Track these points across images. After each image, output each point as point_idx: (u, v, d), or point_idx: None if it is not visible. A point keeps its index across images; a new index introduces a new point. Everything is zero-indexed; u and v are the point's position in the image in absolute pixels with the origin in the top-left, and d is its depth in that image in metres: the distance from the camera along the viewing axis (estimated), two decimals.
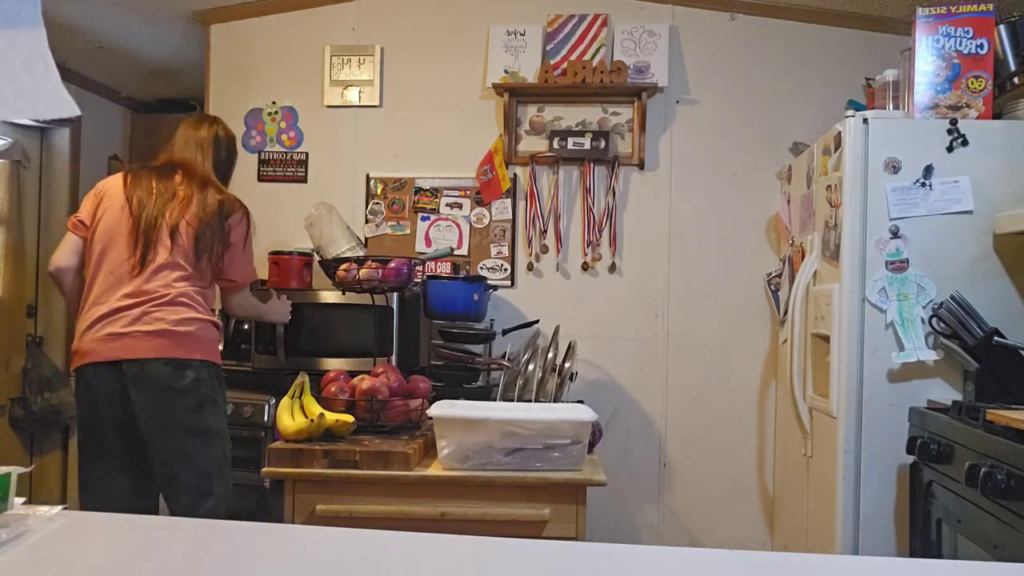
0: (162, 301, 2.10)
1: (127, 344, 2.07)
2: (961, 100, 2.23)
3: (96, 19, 3.33)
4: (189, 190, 2.21)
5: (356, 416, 1.98)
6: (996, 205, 2.17)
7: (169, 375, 2.07)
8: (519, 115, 3.23)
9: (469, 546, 1.00)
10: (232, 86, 3.37)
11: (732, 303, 3.16)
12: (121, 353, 2.07)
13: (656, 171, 3.20)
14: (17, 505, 1.05)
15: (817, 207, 2.48)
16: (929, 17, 2.26)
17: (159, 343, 2.08)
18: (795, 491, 2.73)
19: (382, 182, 3.29)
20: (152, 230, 2.15)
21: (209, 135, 2.35)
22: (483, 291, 2.82)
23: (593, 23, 3.18)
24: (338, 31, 3.33)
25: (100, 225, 2.20)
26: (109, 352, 2.08)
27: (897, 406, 2.18)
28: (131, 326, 2.08)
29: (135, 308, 2.10)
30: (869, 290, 2.21)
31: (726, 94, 3.18)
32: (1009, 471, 1.56)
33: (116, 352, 2.08)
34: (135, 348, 2.07)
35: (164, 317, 2.09)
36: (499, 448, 1.79)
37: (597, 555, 0.99)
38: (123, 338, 2.08)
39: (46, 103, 0.79)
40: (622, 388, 3.19)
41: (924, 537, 1.99)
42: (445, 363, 2.66)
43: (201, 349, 2.13)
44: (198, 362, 2.11)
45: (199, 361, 2.12)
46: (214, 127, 2.39)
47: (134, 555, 0.96)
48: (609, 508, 3.13)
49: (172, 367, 2.07)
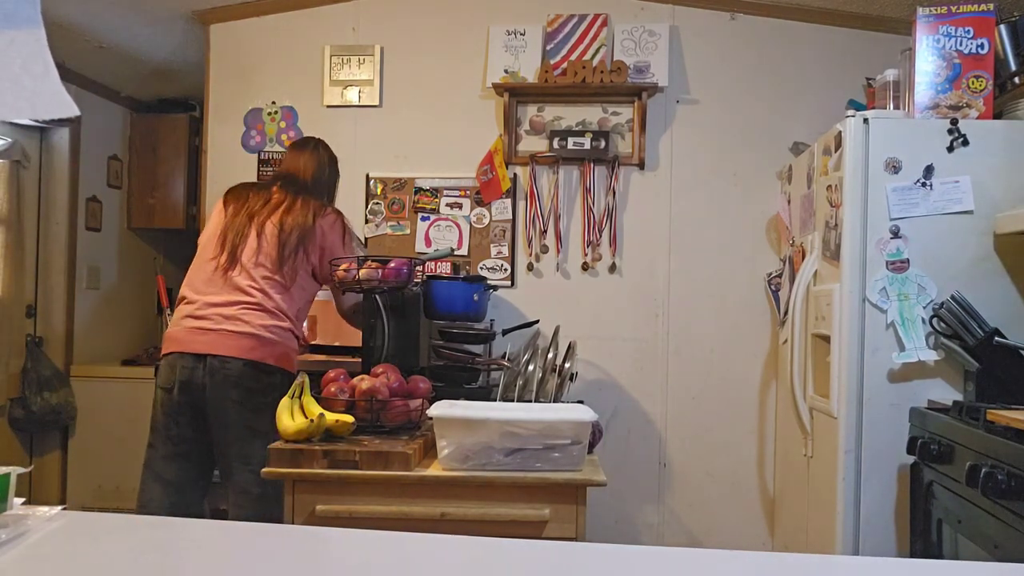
0: (250, 303, 2.20)
1: (213, 340, 2.18)
2: (962, 100, 2.23)
3: (96, 19, 3.33)
4: (282, 196, 2.34)
5: (356, 416, 1.98)
6: (997, 205, 2.17)
7: (248, 376, 2.17)
8: (519, 115, 3.23)
9: (469, 546, 1.00)
10: (232, 86, 3.37)
11: (732, 303, 3.16)
12: (207, 348, 2.17)
13: (656, 171, 3.20)
14: (17, 505, 1.05)
15: (817, 207, 2.48)
16: (930, 17, 2.26)
17: (243, 344, 2.17)
18: (795, 491, 2.73)
19: (382, 182, 3.29)
20: (240, 232, 2.27)
21: (312, 155, 2.49)
22: (483, 291, 2.81)
23: (593, 23, 3.18)
24: (338, 31, 3.33)
25: (203, 232, 2.39)
26: (196, 345, 2.19)
27: (897, 406, 2.18)
28: (220, 324, 2.18)
29: (225, 307, 2.20)
30: (870, 290, 2.21)
31: (726, 94, 3.18)
32: (1010, 471, 1.56)
33: (202, 346, 2.18)
34: (220, 345, 2.17)
35: (251, 320, 2.19)
36: (499, 448, 1.79)
37: (597, 555, 0.99)
38: (210, 333, 2.18)
39: (45, 103, 0.79)
40: (622, 388, 3.19)
41: (924, 537, 1.99)
42: (445, 363, 2.66)
43: (280, 357, 2.23)
44: (275, 368, 2.21)
45: (276, 368, 2.21)
46: (317, 148, 2.53)
47: (134, 555, 0.95)
48: (609, 508, 3.13)
49: (251, 368, 2.17)
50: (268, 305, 2.22)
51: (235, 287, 2.22)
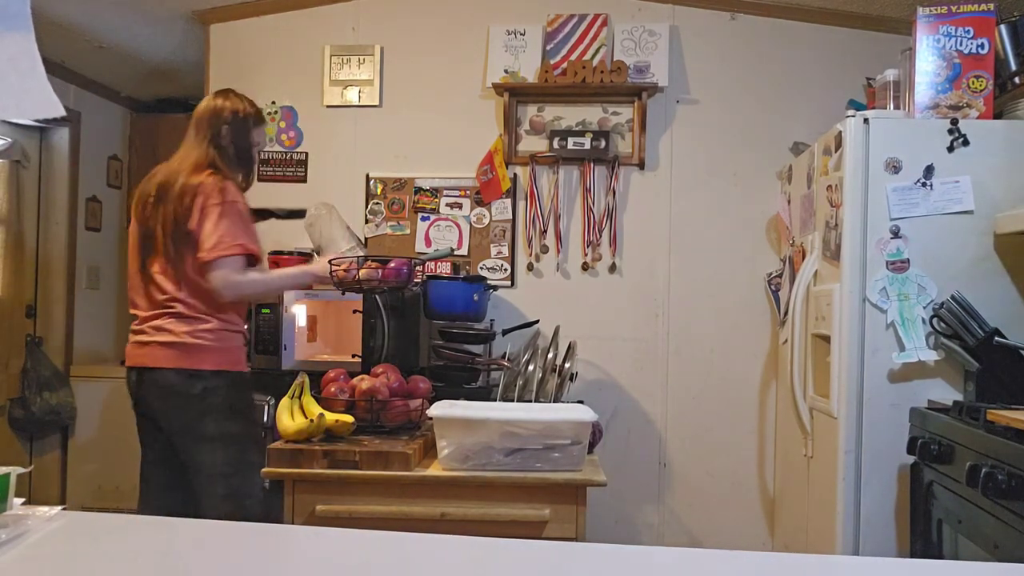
0: (171, 312, 2.13)
1: (147, 353, 2.15)
2: (962, 100, 2.23)
3: (96, 19, 3.33)
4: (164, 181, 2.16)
5: (356, 416, 1.98)
6: (997, 205, 2.16)
7: (182, 384, 2.12)
8: (519, 115, 3.23)
9: (469, 546, 1.00)
10: (232, 86, 3.34)
11: (732, 303, 3.16)
12: (143, 361, 2.16)
13: (656, 171, 3.20)
14: (17, 505, 1.04)
15: (818, 207, 2.48)
16: (930, 17, 2.26)
17: (170, 353, 2.12)
18: (795, 491, 2.73)
19: (382, 182, 3.29)
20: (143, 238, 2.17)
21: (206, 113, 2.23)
22: (483, 291, 2.81)
23: (593, 23, 3.17)
24: (338, 31, 3.33)
25: None
26: (135, 359, 2.18)
27: (898, 406, 2.17)
28: (152, 336, 2.14)
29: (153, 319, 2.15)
30: (870, 290, 2.20)
31: (726, 94, 3.18)
32: (1010, 471, 1.56)
33: (139, 359, 2.17)
34: (151, 357, 2.14)
35: (175, 329, 2.12)
36: (499, 448, 1.79)
37: (597, 555, 0.99)
38: (145, 347, 2.15)
39: (32, 102, 0.78)
40: (622, 388, 3.19)
41: (925, 537, 1.99)
42: (445, 363, 2.66)
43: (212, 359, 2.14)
44: (207, 372, 2.14)
45: (209, 372, 2.14)
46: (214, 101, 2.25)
47: (134, 555, 0.95)
48: (609, 508, 3.13)
49: (184, 377, 2.12)
50: (187, 311, 2.12)
51: (153, 298, 2.15)
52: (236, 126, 2.25)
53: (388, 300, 2.53)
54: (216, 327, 2.15)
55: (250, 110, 2.29)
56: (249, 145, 2.29)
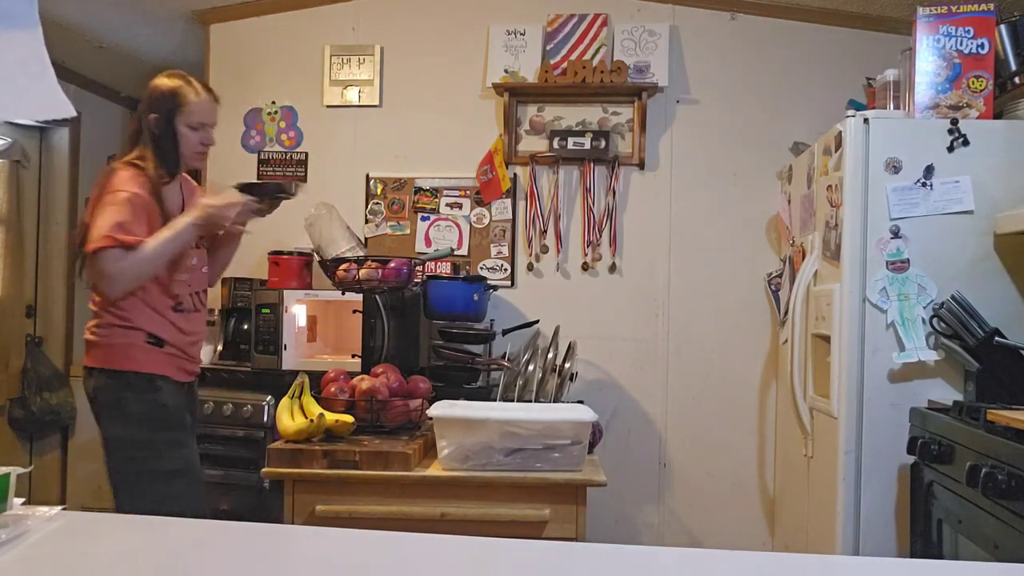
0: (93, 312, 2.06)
1: None
2: (962, 100, 2.23)
3: (96, 19, 3.33)
4: None
5: (356, 416, 1.98)
6: (997, 205, 2.16)
7: (86, 383, 2.04)
8: (519, 115, 3.23)
9: (469, 546, 1.00)
10: (232, 86, 3.37)
11: (732, 303, 3.16)
12: None
13: (656, 171, 3.20)
14: (17, 505, 1.05)
15: (818, 207, 2.48)
16: (930, 17, 2.26)
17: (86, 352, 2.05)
18: (795, 491, 2.73)
19: (382, 182, 3.29)
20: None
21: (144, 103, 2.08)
22: (483, 291, 2.81)
23: (593, 23, 3.17)
24: (338, 31, 3.33)
25: None
26: None
27: (898, 406, 2.17)
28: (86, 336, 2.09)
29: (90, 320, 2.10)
30: (870, 290, 2.20)
31: (726, 94, 3.18)
32: (1010, 471, 1.56)
33: None
34: None
35: (88, 326, 2.06)
36: (499, 448, 1.79)
37: (597, 555, 0.99)
38: None
39: (42, 103, 0.79)
40: (622, 388, 3.19)
41: (925, 537, 1.99)
42: (445, 363, 2.66)
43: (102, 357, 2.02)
44: (96, 370, 2.02)
45: (97, 369, 2.02)
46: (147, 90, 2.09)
47: (134, 555, 0.95)
48: (609, 508, 3.13)
49: (87, 374, 2.03)
50: (94, 307, 2.05)
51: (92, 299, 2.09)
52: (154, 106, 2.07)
53: (388, 300, 2.52)
54: (106, 323, 2.02)
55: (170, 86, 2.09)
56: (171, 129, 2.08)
